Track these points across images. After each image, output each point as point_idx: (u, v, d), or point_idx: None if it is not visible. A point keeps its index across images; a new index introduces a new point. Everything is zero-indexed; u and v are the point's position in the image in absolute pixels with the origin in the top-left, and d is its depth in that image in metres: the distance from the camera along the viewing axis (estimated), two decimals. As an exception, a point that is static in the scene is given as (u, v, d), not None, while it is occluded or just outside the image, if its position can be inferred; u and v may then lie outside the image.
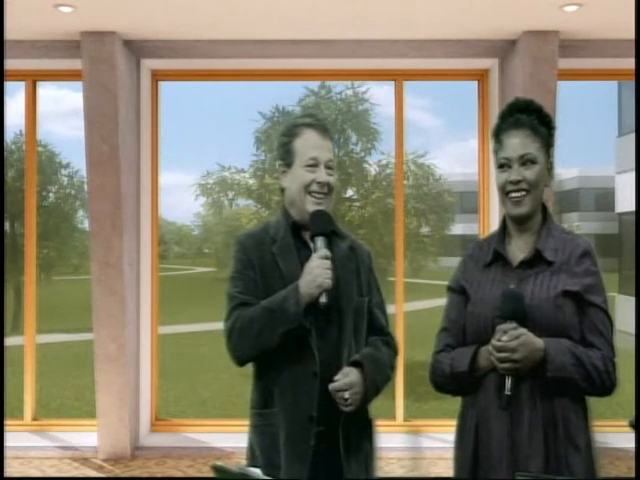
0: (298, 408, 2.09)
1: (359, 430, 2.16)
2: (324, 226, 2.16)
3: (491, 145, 2.14)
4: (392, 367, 2.26)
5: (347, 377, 2.07)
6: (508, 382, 1.90)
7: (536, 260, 2.02)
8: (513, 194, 2.03)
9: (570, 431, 1.94)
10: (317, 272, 2.06)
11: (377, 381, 2.15)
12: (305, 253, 2.17)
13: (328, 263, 2.08)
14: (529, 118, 2.06)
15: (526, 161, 2.03)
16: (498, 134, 2.09)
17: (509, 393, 1.90)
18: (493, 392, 1.97)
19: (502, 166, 2.06)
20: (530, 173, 2.03)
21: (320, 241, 2.13)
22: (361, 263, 2.25)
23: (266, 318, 2.08)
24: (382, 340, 2.25)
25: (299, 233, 2.22)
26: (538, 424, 1.92)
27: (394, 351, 2.28)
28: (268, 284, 2.15)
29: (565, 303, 1.96)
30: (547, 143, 2.08)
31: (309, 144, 2.20)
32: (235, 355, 2.15)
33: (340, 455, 2.09)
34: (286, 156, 2.23)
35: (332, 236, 2.20)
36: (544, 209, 2.11)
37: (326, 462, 2.09)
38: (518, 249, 2.07)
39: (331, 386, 2.06)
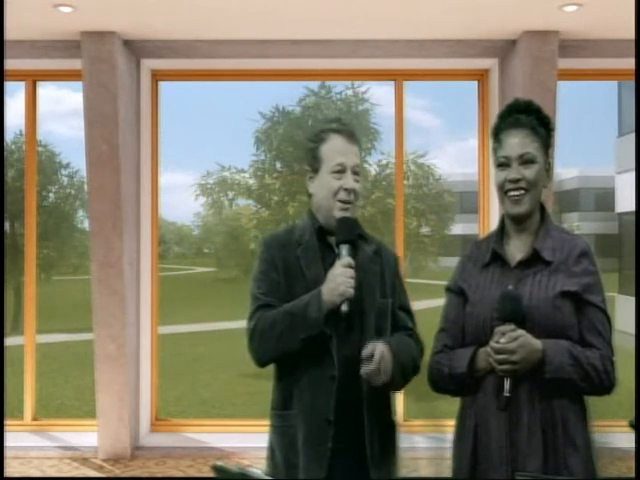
0: (316, 411, 2.10)
1: (381, 432, 2.17)
2: (349, 233, 2.17)
3: (490, 144, 2.15)
4: (418, 357, 2.24)
5: (373, 345, 2.04)
6: (507, 383, 1.91)
7: (534, 260, 2.02)
8: (512, 193, 2.03)
9: (569, 431, 1.94)
10: (340, 280, 2.07)
11: (403, 359, 2.12)
12: (330, 258, 2.18)
13: (351, 272, 2.08)
14: (528, 118, 2.07)
15: (525, 160, 2.03)
16: (497, 133, 2.09)
17: (508, 394, 1.91)
18: (492, 393, 1.97)
19: (501, 165, 2.06)
20: (529, 172, 2.03)
21: (345, 249, 2.14)
22: (386, 265, 2.25)
23: (288, 322, 2.10)
24: (407, 334, 2.24)
25: (324, 237, 2.23)
26: (537, 425, 1.93)
27: (420, 348, 2.26)
28: (291, 286, 2.17)
29: (563, 303, 1.96)
30: (546, 144, 2.09)
31: (336, 149, 2.20)
32: (256, 357, 2.17)
33: (357, 457, 2.11)
34: (313, 162, 2.24)
35: (358, 241, 2.20)
36: (542, 209, 2.11)
37: (344, 464, 2.11)
38: (516, 249, 2.07)
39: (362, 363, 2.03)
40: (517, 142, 2.04)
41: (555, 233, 2.07)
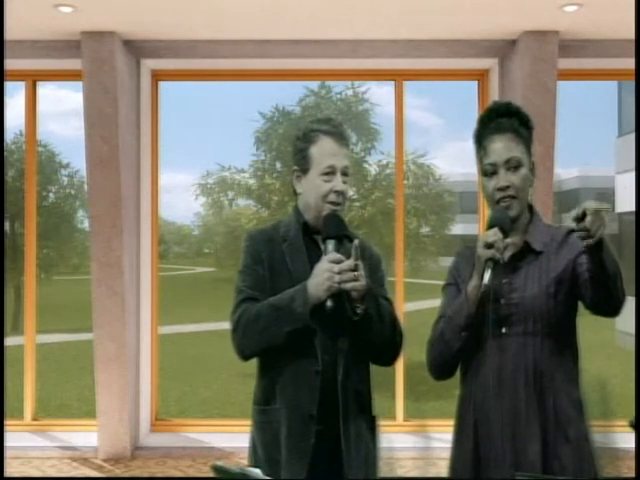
0: (299, 406, 2.10)
1: (360, 427, 2.17)
2: (337, 230, 2.17)
3: (474, 151, 2.14)
4: (398, 335, 2.23)
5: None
6: (487, 273, 1.92)
7: (525, 253, 2.06)
8: (502, 203, 2.04)
9: (560, 421, 1.97)
10: (326, 275, 2.07)
11: (376, 293, 2.15)
12: (315, 254, 2.19)
13: (337, 267, 2.08)
14: (510, 121, 2.08)
15: (512, 165, 2.04)
16: (480, 140, 2.10)
17: (487, 283, 1.93)
18: (491, 387, 1.98)
19: (488, 173, 2.07)
20: (516, 178, 2.04)
21: (331, 244, 2.14)
22: (368, 261, 2.23)
23: (272, 316, 2.10)
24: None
25: (310, 234, 2.24)
26: (534, 414, 1.96)
27: (399, 333, 2.24)
28: (276, 281, 2.17)
29: (558, 290, 2.00)
30: (528, 144, 2.10)
31: (326, 152, 2.20)
32: (239, 349, 2.17)
33: (340, 454, 2.10)
34: (302, 162, 2.24)
35: (344, 240, 2.20)
36: (530, 207, 2.13)
37: (326, 460, 2.10)
38: (508, 246, 2.08)
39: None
40: (502, 147, 2.05)
41: (544, 228, 2.11)
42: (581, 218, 1.76)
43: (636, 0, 3.90)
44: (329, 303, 2.07)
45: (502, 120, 2.07)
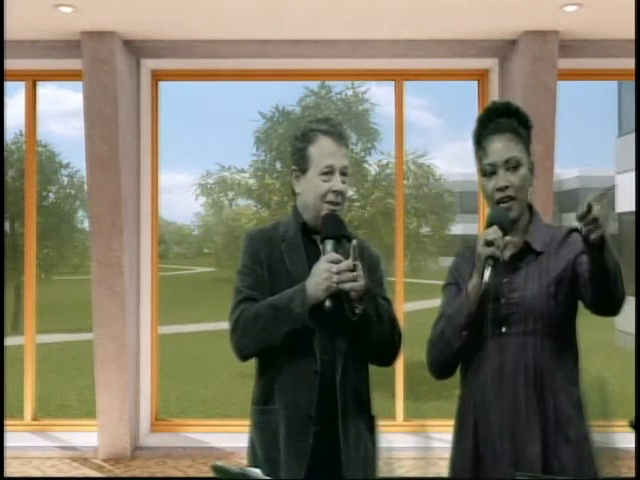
0: (298, 406, 2.10)
1: (359, 427, 2.17)
2: (335, 230, 2.17)
3: (473, 151, 2.14)
4: (397, 334, 2.22)
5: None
6: (487, 271, 1.93)
7: (525, 253, 2.06)
8: (502, 204, 2.04)
9: (560, 421, 1.97)
10: (325, 275, 2.07)
11: (374, 293, 2.15)
12: (314, 254, 2.18)
13: (336, 267, 2.08)
14: (509, 121, 2.08)
15: (511, 165, 2.04)
16: (480, 141, 2.10)
17: (487, 280, 1.93)
18: (490, 387, 1.98)
19: (487, 173, 2.07)
20: (515, 178, 2.04)
21: (329, 244, 2.14)
22: (367, 261, 2.24)
23: (271, 316, 2.10)
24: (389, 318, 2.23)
25: (309, 234, 2.24)
26: (534, 414, 1.96)
27: (398, 332, 2.23)
28: (275, 281, 2.17)
29: (558, 289, 2.00)
30: (527, 143, 2.10)
31: (324, 151, 2.20)
32: (237, 349, 2.17)
33: (339, 454, 2.10)
34: (301, 162, 2.23)
35: (343, 240, 2.20)
36: (530, 207, 2.13)
37: (325, 461, 2.10)
38: (508, 246, 2.08)
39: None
40: (502, 147, 2.05)
41: (544, 228, 2.11)
42: (587, 212, 1.75)
43: (636, 0, 3.90)
44: (328, 303, 2.07)
45: (501, 120, 2.08)
